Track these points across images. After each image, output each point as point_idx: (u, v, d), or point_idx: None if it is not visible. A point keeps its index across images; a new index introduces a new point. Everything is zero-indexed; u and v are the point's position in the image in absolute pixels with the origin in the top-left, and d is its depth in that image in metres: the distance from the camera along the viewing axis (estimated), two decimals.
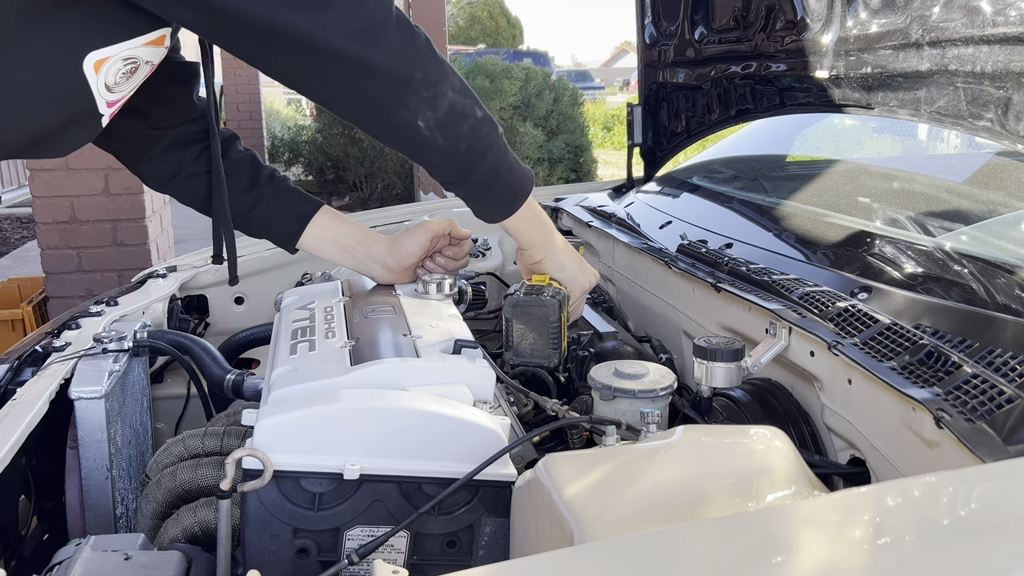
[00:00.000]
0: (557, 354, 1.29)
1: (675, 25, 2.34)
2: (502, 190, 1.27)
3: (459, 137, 1.18)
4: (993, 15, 1.32)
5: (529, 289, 1.31)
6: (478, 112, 1.20)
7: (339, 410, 1.03)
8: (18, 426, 1.21)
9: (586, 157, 8.14)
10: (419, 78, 1.13)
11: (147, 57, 1.16)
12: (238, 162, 1.45)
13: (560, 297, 1.29)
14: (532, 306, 1.28)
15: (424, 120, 1.15)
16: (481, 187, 1.25)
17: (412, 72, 1.13)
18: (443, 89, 1.16)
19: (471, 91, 1.22)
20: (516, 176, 1.27)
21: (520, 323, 1.29)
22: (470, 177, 1.23)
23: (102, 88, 1.13)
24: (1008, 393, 0.94)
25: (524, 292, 1.30)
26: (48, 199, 3.89)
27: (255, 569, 0.88)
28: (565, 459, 0.91)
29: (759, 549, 0.67)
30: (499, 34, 27.47)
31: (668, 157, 2.57)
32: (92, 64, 1.09)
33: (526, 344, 1.30)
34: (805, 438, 1.26)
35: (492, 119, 1.23)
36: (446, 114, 1.16)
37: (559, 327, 1.28)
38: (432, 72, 1.15)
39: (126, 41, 1.10)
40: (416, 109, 1.14)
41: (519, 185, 1.28)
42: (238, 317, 2.13)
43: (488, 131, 1.21)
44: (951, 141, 2.04)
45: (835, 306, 1.25)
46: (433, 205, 2.69)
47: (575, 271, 1.38)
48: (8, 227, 7.38)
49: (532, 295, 1.29)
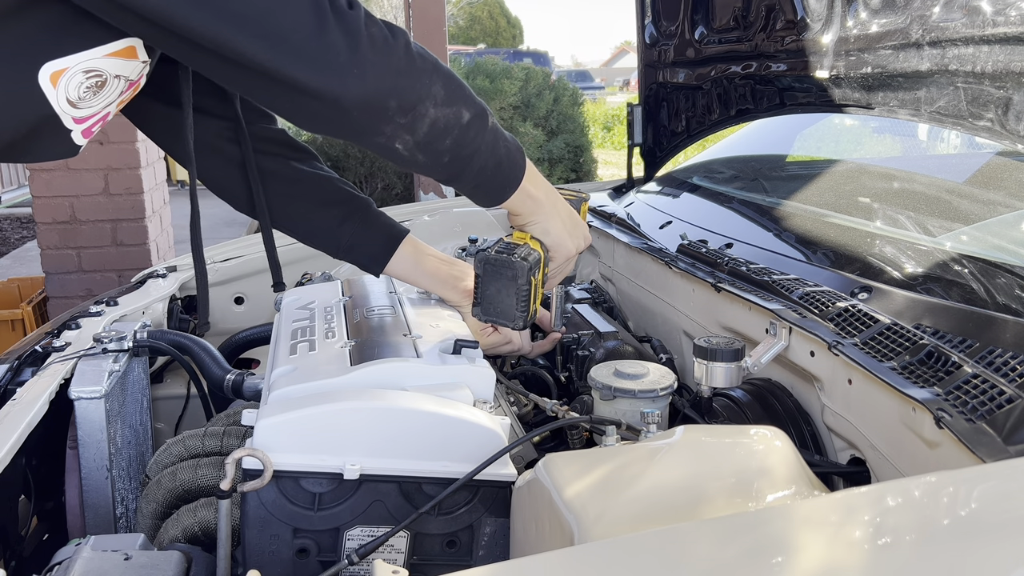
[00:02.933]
0: (524, 317, 1.24)
1: (675, 25, 2.34)
2: (489, 186, 1.21)
3: (441, 152, 1.11)
4: (993, 15, 1.32)
5: (503, 247, 1.24)
6: (465, 116, 1.11)
7: (339, 410, 1.03)
8: (18, 426, 1.21)
9: (586, 157, 8.13)
10: (394, 106, 1.04)
11: (115, 71, 1.07)
12: (323, 179, 1.41)
13: (532, 259, 1.22)
14: (501, 265, 1.22)
15: (402, 143, 1.08)
16: (467, 185, 1.21)
17: (385, 102, 1.03)
18: (423, 110, 1.06)
19: (459, 89, 1.12)
20: (504, 170, 1.20)
21: (488, 280, 1.23)
22: (456, 179, 1.19)
23: (63, 102, 1.05)
24: (1008, 393, 0.94)
25: (497, 249, 1.23)
26: (48, 199, 3.89)
27: (255, 569, 0.88)
28: (565, 459, 0.91)
29: (759, 549, 0.67)
30: (499, 34, 27.46)
31: (668, 157, 2.57)
32: (48, 76, 1.02)
33: (493, 302, 1.24)
34: (805, 438, 1.26)
35: (483, 113, 1.14)
36: (427, 134, 1.08)
37: (528, 289, 1.22)
38: (409, 95, 1.05)
39: (83, 52, 1.02)
40: (392, 135, 1.07)
41: (507, 179, 1.21)
42: (238, 317, 2.13)
43: (475, 134, 1.13)
44: (951, 141, 2.04)
45: (835, 306, 1.25)
46: (433, 205, 2.69)
47: (561, 235, 1.29)
48: (8, 227, 7.38)
49: (503, 254, 1.22)
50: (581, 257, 2.30)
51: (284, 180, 1.38)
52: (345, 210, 1.39)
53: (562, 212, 1.29)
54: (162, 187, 4.36)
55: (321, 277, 1.92)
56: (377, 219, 1.41)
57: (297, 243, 1.47)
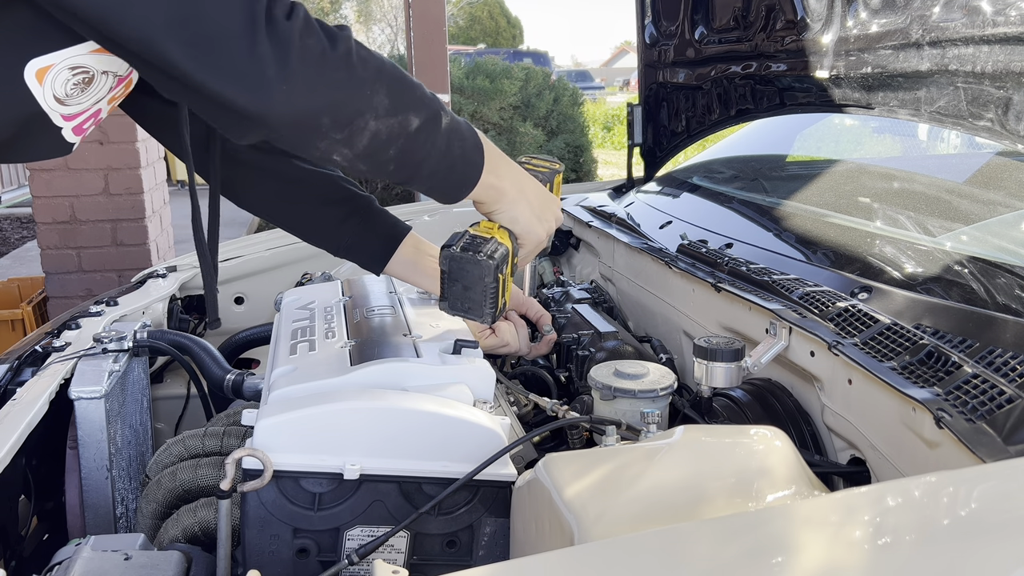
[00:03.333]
0: (493, 312, 1.20)
1: (675, 25, 2.34)
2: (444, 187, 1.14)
3: (385, 161, 1.05)
4: (993, 15, 1.32)
5: (468, 242, 1.19)
6: (412, 123, 1.03)
7: (339, 410, 1.03)
8: (18, 426, 1.21)
9: (586, 157, 8.14)
10: (327, 123, 0.98)
11: (102, 67, 1.04)
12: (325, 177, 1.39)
13: (499, 255, 1.18)
14: (466, 263, 1.17)
15: (340, 156, 1.02)
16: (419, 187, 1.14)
17: (317, 120, 0.97)
18: (362, 124, 1.00)
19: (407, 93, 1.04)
20: (458, 171, 1.13)
21: (455, 277, 1.19)
22: (406, 183, 1.14)
23: (50, 100, 1.03)
24: (1008, 393, 0.94)
25: (462, 246, 1.18)
26: (48, 199, 3.89)
27: (255, 569, 0.88)
28: (565, 459, 0.91)
29: (759, 549, 0.67)
30: (499, 34, 27.46)
31: (668, 157, 2.57)
32: (34, 73, 1.00)
33: (461, 298, 1.20)
34: (805, 438, 1.26)
35: (434, 116, 1.06)
36: (367, 147, 1.02)
37: (496, 286, 1.19)
38: (345, 110, 0.98)
39: (67, 48, 1.00)
40: (328, 149, 1.01)
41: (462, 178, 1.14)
42: (238, 317, 2.13)
43: (424, 140, 1.05)
44: (951, 141, 2.04)
45: (835, 306, 1.25)
46: (433, 205, 2.69)
47: (530, 223, 1.22)
48: (8, 227, 7.38)
49: (468, 252, 1.17)
50: (581, 257, 2.31)
51: (285, 179, 1.38)
52: (346, 209, 1.39)
53: (531, 196, 1.23)
54: (162, 187, 4.37)
55: (321, 277, 1.93)
56: (378, 218, 1.41)
57: (298, 243, 1.47)
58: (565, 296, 1.89)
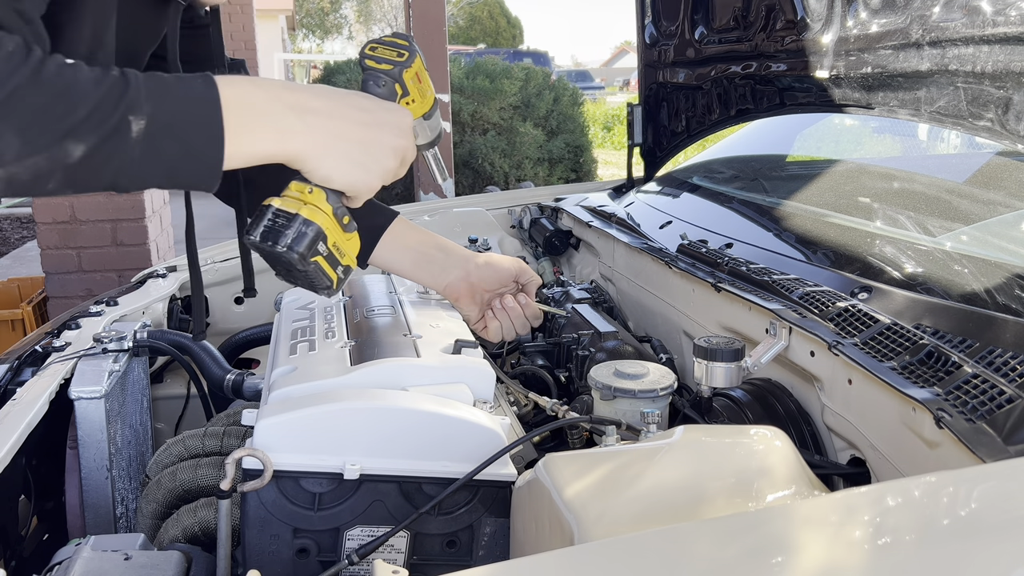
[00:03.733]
0: (330, 287, 1.08)
1: (675, 25, 2.34)
2: (177, 183, 0.93)
3: (51, 191, 0.88)
4: (993, 15, 1.32)
5: (268, 228, 1.01)
6: (73, 153, 0.84)
7: (339, 410, 1.03)
8: (18, 426, 1.21)
9: (586, 157, 8.14)
10: None
11: None
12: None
13: (307, 239, 1.01)
14: (270, 255, 1.03)
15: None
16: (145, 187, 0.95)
17: None
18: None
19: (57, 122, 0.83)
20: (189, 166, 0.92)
21: (270, 262, 1.06)
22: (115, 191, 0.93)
23: None
24: (1008, 393, 0.94)
25: (261, 233, 1.01)
26: (48, 199, 3.89)
27: (255, 569, 0.88)
28: (565, 459, 0.91)
29: (759, 549, 0.67)
30: (499, 34, 27.48)
31: (668, 157, 2.57)
32: None
33: (289, 278, 1.10)
34: (805, 438, 1.26)
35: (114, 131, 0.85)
36: (6, 191, 0.86)
37: (315, 267, 1.04)
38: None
39: None
40: None
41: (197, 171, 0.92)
42: (238, 317, 2.13)
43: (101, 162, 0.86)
44: (951, 141, 2.04)
45: (835, 306, 1.25)
46: (433, 205, 2.69)
47: (351, 175, 1.02)
48: (8, 227, 7.38)
49: (267, 243, 1.01)
50: (581, 257, 2.31)
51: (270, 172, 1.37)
52: None
53: (348, 138, 1.01)
54: None
55: None
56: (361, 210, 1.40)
57: None
58: (565, 296, 1.89)
